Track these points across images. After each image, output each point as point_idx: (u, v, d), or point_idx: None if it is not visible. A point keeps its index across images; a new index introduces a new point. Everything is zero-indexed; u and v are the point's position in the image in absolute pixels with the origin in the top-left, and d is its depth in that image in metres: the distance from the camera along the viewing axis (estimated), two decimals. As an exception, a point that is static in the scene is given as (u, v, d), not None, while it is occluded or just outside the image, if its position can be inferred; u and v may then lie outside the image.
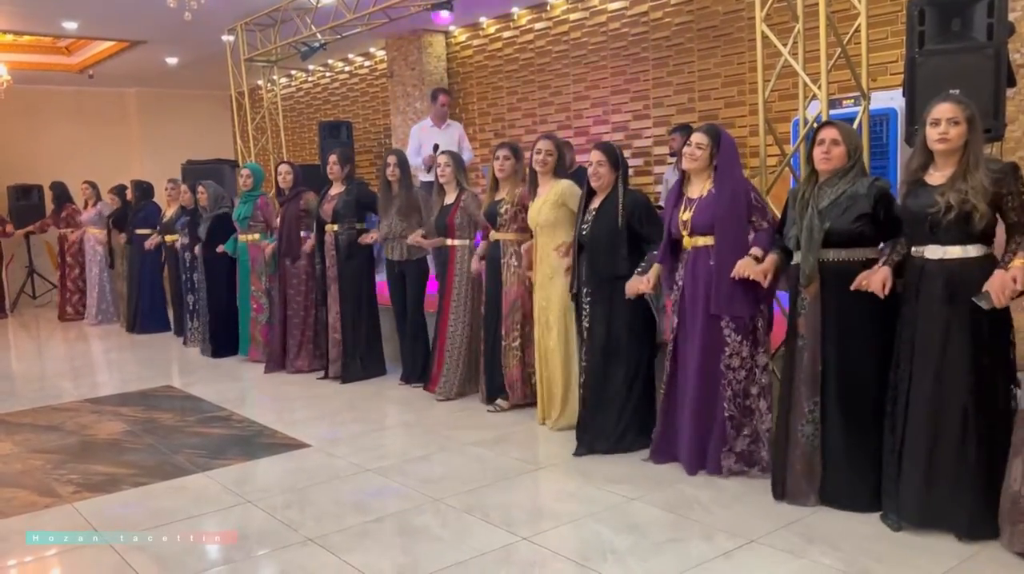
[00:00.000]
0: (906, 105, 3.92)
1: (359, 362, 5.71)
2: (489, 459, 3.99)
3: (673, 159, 5.93)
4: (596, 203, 4.07)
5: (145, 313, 8.28)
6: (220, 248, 6.69)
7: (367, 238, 5.59)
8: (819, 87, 4.11)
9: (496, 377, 4.78)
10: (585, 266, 4.07)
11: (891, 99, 4.87)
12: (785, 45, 4.26)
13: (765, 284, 3.34)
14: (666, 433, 3.76)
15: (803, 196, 3.26)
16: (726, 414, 3.53)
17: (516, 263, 4.63)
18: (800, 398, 3.22)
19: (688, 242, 3.62)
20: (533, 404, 4.57)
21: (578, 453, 3.94)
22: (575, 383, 4.27)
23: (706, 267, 3.55)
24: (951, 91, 3.25)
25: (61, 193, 9.76)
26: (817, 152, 3.22)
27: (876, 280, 3.00)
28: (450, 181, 5.07)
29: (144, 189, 8.61)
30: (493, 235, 4.76)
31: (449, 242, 5.10)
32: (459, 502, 3.44)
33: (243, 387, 5.75)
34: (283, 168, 6.13)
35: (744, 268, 3.37)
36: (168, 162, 10.42)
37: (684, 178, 3.73)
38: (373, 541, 3.10)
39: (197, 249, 7.00)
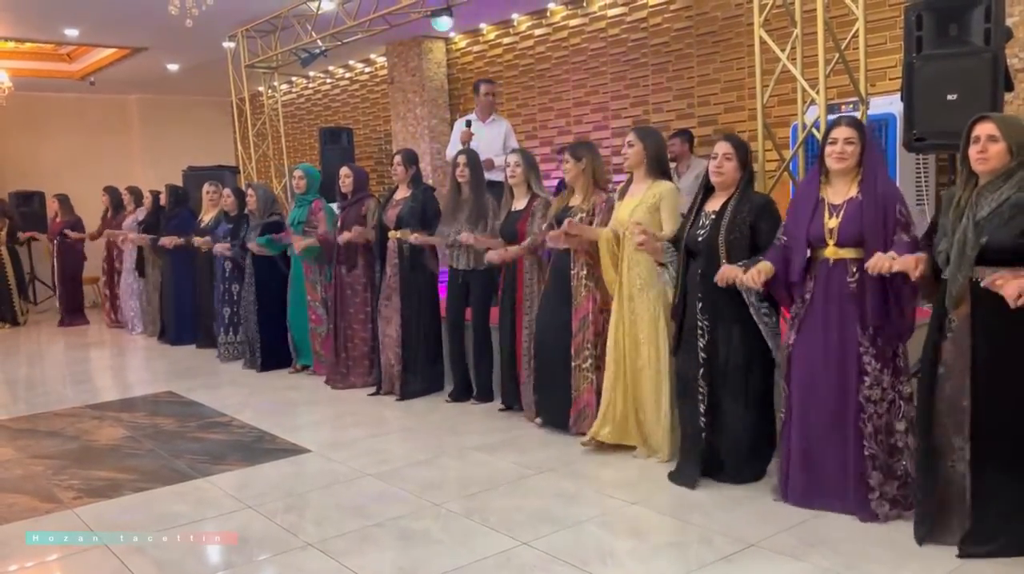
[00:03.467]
0: (904, 110, 3.94)
1: (419, 377, 5.32)
2: (489, 463, 4.00)
3: (673, 164, 5.91)
4: (716, 205, 3.57)
5: (179, 324, 7.80)
6: (255, 247, 6.21)
7: (420, 238, 5.14)
8: (817, 92, 4.13)
9: (548, 394, 4.42)
10: (699, 277, 3.55)
11: (890, 104, 4.89)
12: (784, 50, 4.29)
13: (915, 275, 2.85)
14: (793, 468, 3.29)
15: (959, 203, 2.79)
16: (866, 453, 3.10)
17: (587, 276, 4.20)
18: (946, 433, 2.83)
19: (831, 253, 3.16)
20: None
21: (684, 483, 3.55)
22: (668, 407, 3.83)
23: (843, 283, 3.14)
24: None
25: (117, 199, 9.13)
26: (972, 151, 2.75)
27: (1013, 287, 2.52)
28: (520, 183, 4.65)
29: (179, 195, 8.19)
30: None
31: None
32: (459, 506, 3.45)
33: (244, 393, 5.75)
34: (344, 171, 5.72)
35: (881, 261, 2.90)
36: (169, 168, 10.43)
37: (820, 179, 3.27)
38: (373, 545, 3.11)
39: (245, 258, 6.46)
